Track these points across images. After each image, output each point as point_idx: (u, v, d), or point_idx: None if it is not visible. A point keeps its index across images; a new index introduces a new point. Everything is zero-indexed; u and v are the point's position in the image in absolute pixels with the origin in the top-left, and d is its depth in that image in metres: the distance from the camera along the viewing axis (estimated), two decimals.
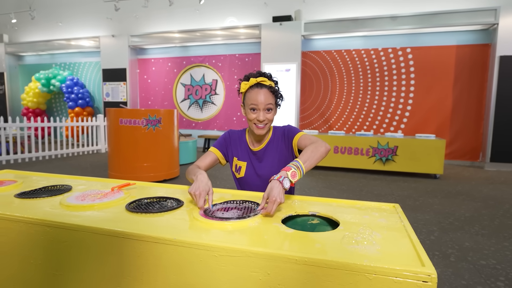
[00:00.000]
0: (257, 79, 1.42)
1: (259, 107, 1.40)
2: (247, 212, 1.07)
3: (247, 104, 1.44)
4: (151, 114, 4.50)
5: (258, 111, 1.41)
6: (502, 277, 2.02)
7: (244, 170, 1.53)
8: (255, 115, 1.42)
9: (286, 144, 1.50)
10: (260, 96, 1.40)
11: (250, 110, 1.43)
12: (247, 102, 1.44)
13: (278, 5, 7.43)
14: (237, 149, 1.56)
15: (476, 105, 6.40)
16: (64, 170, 5.40)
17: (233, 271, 0.80)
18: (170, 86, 8.73)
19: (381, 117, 7.00)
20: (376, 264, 0.69)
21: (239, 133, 1.60)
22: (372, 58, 6.93)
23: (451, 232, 2.80)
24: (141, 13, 8.50)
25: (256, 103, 1.40)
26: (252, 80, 1.43)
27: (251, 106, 1.42)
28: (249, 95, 1.43)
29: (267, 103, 1.41)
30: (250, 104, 1.42)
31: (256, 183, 1.51)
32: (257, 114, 1.41)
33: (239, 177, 1.56)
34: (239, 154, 1.56)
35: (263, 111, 1.41)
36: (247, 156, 1.54)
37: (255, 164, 1.52)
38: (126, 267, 0.90)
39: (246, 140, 1.56)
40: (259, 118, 1.41)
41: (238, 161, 1.55)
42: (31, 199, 1.22)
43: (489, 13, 5.93)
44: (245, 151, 1.55)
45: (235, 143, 1.57)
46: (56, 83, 8.97)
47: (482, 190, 4.37)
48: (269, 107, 1.42)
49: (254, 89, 1.42)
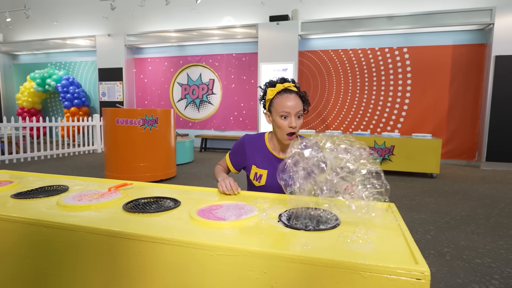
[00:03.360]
0: (284, 85, 1.37)
1: (290, 113, 1.34)
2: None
3: (277, 111, 1.36)
4: (147, 114, 4.49)
5: (290, 118, 1.35)
6: (497, 275, 2.04)
7: (265, 178, 1.46)
8: (287, 122, 1.35)
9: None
10: (291, 101, 1.35)
11: (281, 118, 1.36)
12: (277, 109, 1.36)
13: (275, 5, 7.44)
14: (255, 157, 1.48)
15: (472, 104, 6.45)
16: (60, 170, 5.38)
17: (230, 270, 0.80)
18: (166, 86, 8.71)
19: (378, 117, 7.03)
20: (370, 262, 0.70)
21: (257, 139, 1.52)
22: (369, 57, 6.96)
23: (447, 231, 2.82)
24: (137, 12, 8.47)
25: (288, 109, 1.34)
26: (279, 85, 1.37)
27: (282, 113, 1.35)
28: (278, 101, 1.36)
29: (298, 109, 1.36)
30: (281, 111, 1.35)
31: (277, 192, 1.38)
32: (289, 121, 1.35)
33: (259, 186, 1.48)
34: (258, 162, 1.48)
35: (295, 117, 1.36)
36: (269, 164, 1.46)
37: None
38: (123, 267, 0.91)
39: (267, 146, 1.48)
40: (292, 125, 1.34)
41: (258, 169, 1.47)
42: (27, 199, 1.22)
43: (485, 13, 5.97)
44: (266, 158, 1.47)
45: (253, 151, 1.49)
46: (51, 83, 8.92)
47: (478, 189, 4.41)
48: (300, 113, 1.38)
49: (283, 95, 1.36)
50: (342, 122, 7.28)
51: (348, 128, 7.24)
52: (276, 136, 1.45)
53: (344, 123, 7.26)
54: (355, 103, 7.15)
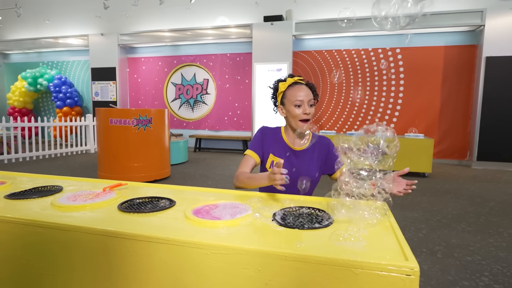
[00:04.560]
0: (294, 79, 1.51)
1: (304, 101, 1.46)
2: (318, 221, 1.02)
3: (290, 101, 1.48)
4: (141, 114, 4.48)
5: (303, 105, 1.47)
6: (487, 272, 2.09)
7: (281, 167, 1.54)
8: (301, 110, 1.46)
9: (325, 157, 1.55)
10: (304, 91, 1.48)
11: (295, 107, 1.47)
12: (290, 99, 1.48)
13: (269, 5, 7.46)
14: (273, 145, 1.57)
15: (464, 105, 6.54)
16: (52, 171, 5.33)
17: (225, 268, 0.81)
18: (160, 86, 8.67)
19: (371, 117, 7.09)
20: (362, 260, 0.72)
21: (274, 130, 1.61)
22: (363, 58, 7.01)
23: (439, 229, 2.87)
24: (131, 12, 8.42)
25: (301, 98, 1.46)
26: (289, 79, 1.51)
27: (296, 102, 1.46)
28: (291, 92, 1.49)
29: (309, 98, 1.48)
30: (295, 100, 1.46)
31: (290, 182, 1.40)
32: (303, 108, 1.46)
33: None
34: (275, 151, 1.56)
35: (308, 105, 1.47)
36: (285, 154, 1.55)
37: (294, 163, 1.53)
38: (119, 267, 0.91)
39: (284, 138, 1.57)
40: (306, 111, 1.46)
41: (275, 157, 1.55)
42: (21, 200, 1.21)
43: (476, 14, 6.06)
44: (283, 148, 1.56)
45: (270, 139, 1.58)
46: (43, 82, 8.82)
47: (469, 188, 4.48)
48: (311, 102, 1.49)
49: (295, 86, 1.49)
50: (336, 122, 7.33)
51: (342, 128, 7.29)
52: (291, 126, 1.55)
53: (338, 123, 7.31)
54: (348, 103, 7.21)
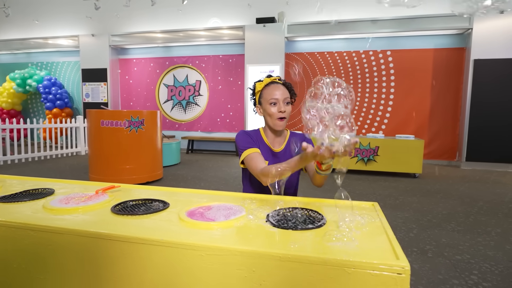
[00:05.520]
0: (270, 78, 1.55)
1: (279, 99, 1.49)
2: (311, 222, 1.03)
3: (266, 100, 1.51)
4: (133, 115, 4.44)
5: (279, 103, 1.49)
6: (476, 270, 2.13)
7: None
8: (276, 108, 1.49)
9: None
10: (279, 90, 1.50)
11: (270, 105, 1.50)
12: (266, 98, 1.51)
13: (262, 7, 7.49)
14: (259, 147, 1.57)
15: (453, 106, 6.66)
16: (42, 173, 5.25)
17: (219, 269, 0.82)
18: (152, 87, 8.62)
19: (362, 118, 7.17)
20: (354, 259, 0.74)
21: (254, 132, 1.62)
22: (354, 60, 7.09)
23: (429, 229, 2.91)
24: (122, 13, 8.36)
25: (277, 96, 1.49)
26: (266, 79, 1.55)
27: (271, 100, 1.49)
28: (267, 91, 1.52)
29: (285, 96, 1.50)
30: (270, 99, 1.49)
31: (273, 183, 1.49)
32: (278, 106, 1.49)
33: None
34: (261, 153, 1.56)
35: (283, 103, 1.50)
36: (267, 156, 1.57)
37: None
38: (112, 269, 0.91)
39: (264, 140, 1.59)
40: (281, 109, 1.48)
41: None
42: (12, 203, 1.20)
43: (464, 18, 6.19)
44: (266, 150, 1.58)
45: (256, 141, 1.58)
46: (32, 83, 8.69)
47: (458, 188, 4.56)
48: (287, 100, 1.52)
49: (271, 85, 1.53)
50: None
51: None
52: (268, 126, 1.57)
53: None
54: None
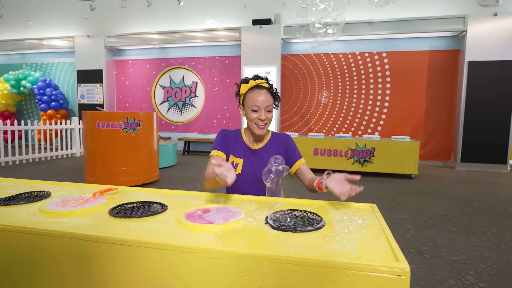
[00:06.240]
0: (256, 81, 1.51)
1: (260, 107, 1.48)
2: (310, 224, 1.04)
3: (248, 105, 1.51)
4: (129, 117, 4.42)
5: (260, 111, 1.49)
6: (472, 271, 2.14)
7: (241, 167, 1.57)
8: (257, 115, 1.49)
9: (284, 154, 1.58)
10: (261, 96, 1.49)
11: (252, 111, 1.50)
12: (248, 103, 1.51)
13: (258, 9, 7.50)
14: (233, 147, 1.60)
15: (448, 108, 6.72)
16: (37, 175, 5.19)
17: (219, 272, 0.81)
18: (148, 88, 8.59)
19: (359, 120, 7.20)
20: (354, 261, 0.74)
21: (234, 131, 1.64)
22: (350, 62, 7.12)
23: (425, 230, 2.93)
24: (118, 14, 8.32)
25: (258, 103, 1.48)
26: (252, 82, 1.51)
27: (253, 107, 1.49)
28: (250, 96, 1.51)
29: (267, 104, 1.50)
30: (252, 105, 1.49)
31: (252, 180, 1.54)
32: (259, 114, 1.49)
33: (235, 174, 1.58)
34: (235, 152, 1.59)
35: (264, 111, 1.49)
36: (244, 154, 1.59)
37: (253, 162, 1.56)
38: (111, 273, 0.90)
39: (243, 139, 1.61)
40: (261, 117, 1.48)
41: (235, 157, 1.58)
42: (8, 206, 1.18)
43: (458, 20, 6.26)
44: (242, 148, 1.60)
45: (231, 141, 1.61)
46: (27, 84, 8.60)
47: (454, 189, 4.59)
48: (269, 108, 1.51)
49: (255, 90, 1.51)
50: (324, 125, 7.41)
51: (330, 130, 7.37)
52: (249, 128, 1.58)
53: (326, 125, 7.39)
54: (336, 106, 7.30)
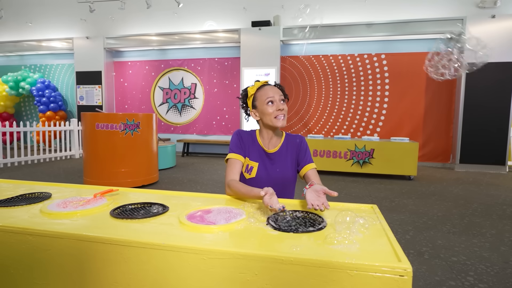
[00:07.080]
0: (262, 82, 1.55)
1: (275, 98, 1.48)
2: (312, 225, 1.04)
3: (262, 101, 1.49)
4: (129, 118, 4.42)
5: (276, 102, 1.48)
6: (472, 272, 2.15)
7: (255, 170, 1.54)
8: (274, 106, 1.48)
9: (296, 156, 1.58)
10: (274, 90, 1.50)
11: (267, 105, 1.48)
12: (261, 98, 1.50)
13: (257, 10, 7.52)
14: (249, 149, 1.57)
15: (446, 109, 6.74)
16: (36, 177, 5.18)
17: (222, 273, 0.82)
18: (147, 90, 8.59)
19: (358, 121, 7.21)
20: (357, 262, 0.74)
21: (250, 133, 1.62)
22: (349, 63, 7.14)
23: (425, 231, 2.94)
24: (117, 15, 8.32)
25: (272, 94, 1.48)
26: (257, 83, 1.55)
27: (268, 99, 1.48)
28: (261, 92, 1.51)
29: (280, 94, 1.51)
30: (266, 98, 1.48)
31: (266, 184, 1.45)
32: (276, 104, 1.48)
33: (249, 178, 1.55)
34: (251, 154, 1.57)
35: (280, 101, 1.50)
36: (259, 157, 1.56)
37: (268, 166, 1.55)
38: (113, 274, 0.90)
39: (258, 141, 1.58)
40: (280, 107, 1.48)
41: (250, 161, 1.55)
42: (9, 207, 1.18)
43: (457, 22, 6.29)
44: (257, 151, 1.57)
45: (248, 143, 1.58)
46: (25, 86, 8.59)
47: (453, 190, 4.60)
48: (283, 99, 1.52)
49: (264, 87, 1.53)
50: (323, 127, 7.42)
51: (330, 132, 7.38)
52: (265, 126, 1.55)
53: (326, 127, 7.40)
54: (336, 107, 7.31)
